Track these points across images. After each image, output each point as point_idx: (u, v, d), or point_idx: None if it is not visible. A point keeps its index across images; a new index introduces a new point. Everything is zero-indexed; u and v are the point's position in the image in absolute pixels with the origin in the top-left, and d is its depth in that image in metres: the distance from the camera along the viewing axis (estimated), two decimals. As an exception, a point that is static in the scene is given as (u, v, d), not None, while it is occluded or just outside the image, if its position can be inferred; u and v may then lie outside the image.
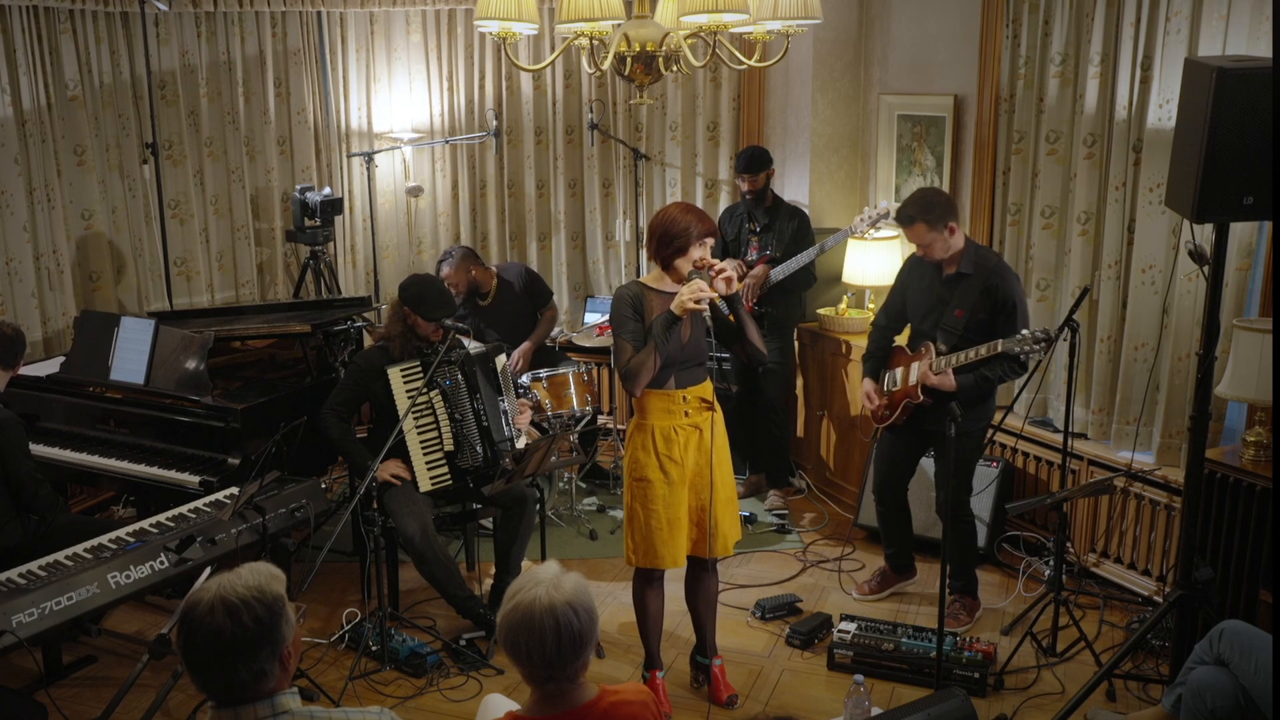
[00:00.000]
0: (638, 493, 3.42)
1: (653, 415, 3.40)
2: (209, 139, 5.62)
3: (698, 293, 3.21)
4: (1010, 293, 3.80)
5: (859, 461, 5.11)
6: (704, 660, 3.72)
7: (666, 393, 3.38)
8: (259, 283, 5.94)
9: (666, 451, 3.38)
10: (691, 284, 3.24)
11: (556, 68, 5.93)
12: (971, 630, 4.09)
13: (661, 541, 3.40)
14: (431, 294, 4.06)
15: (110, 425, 4.28)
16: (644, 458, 3.40)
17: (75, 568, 3.19)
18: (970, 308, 3.84)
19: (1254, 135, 2.79)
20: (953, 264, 3.91)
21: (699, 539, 3.48)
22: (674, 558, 3.42)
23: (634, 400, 3.43)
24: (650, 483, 3.39)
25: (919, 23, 5.11)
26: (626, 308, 3.35)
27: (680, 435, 3.39)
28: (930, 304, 3.98)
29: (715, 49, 3.42)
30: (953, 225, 3.85)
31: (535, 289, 5.40)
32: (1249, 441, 3.59)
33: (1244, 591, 3.50)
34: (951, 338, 3.87)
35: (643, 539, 3.43)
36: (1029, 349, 3.61)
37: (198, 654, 1.87)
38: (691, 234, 3.30)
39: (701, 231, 3.31)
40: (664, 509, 3.39)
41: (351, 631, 4.03)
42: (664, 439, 3.38)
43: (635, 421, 3.45)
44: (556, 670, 2.02)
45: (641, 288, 3.41)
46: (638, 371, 3.29)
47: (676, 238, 3.31)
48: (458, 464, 4.09)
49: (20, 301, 4.91)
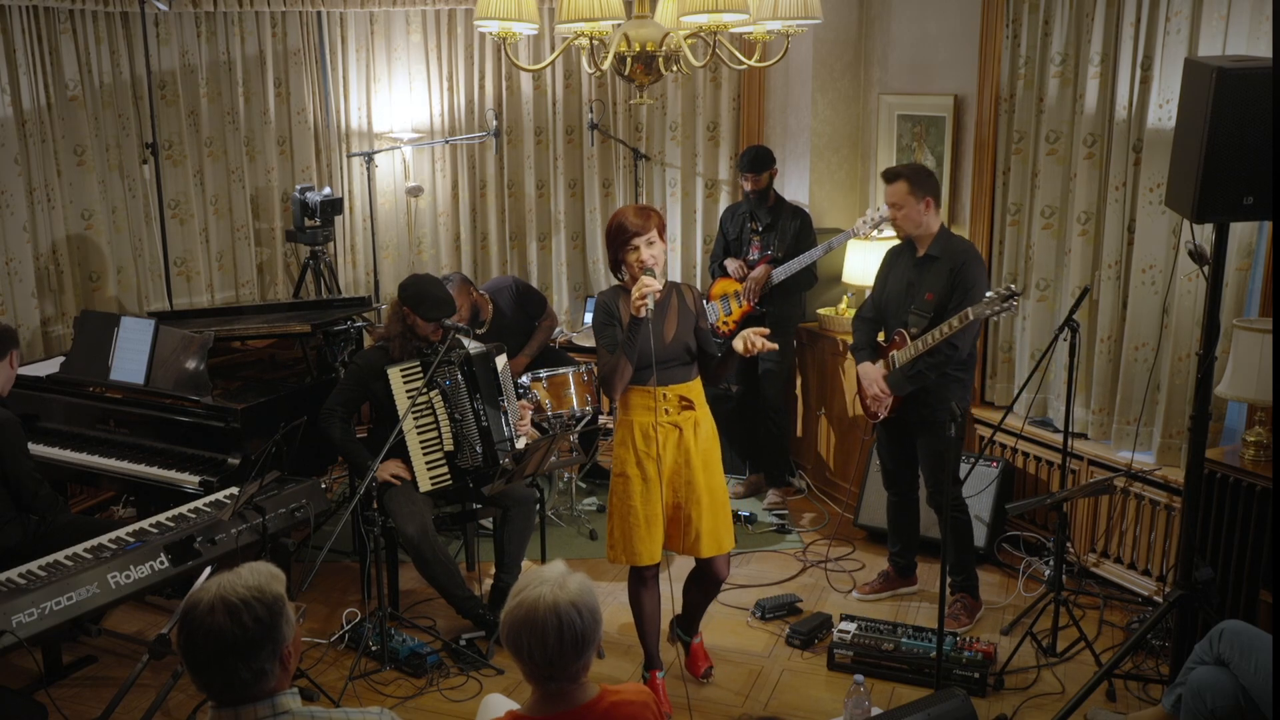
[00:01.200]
0: (617, 488, 3.47)
1: (633, 411, 3.43)
2: (209, 139, 5.62)
3: (642, 288, 3.25)
4: (970, 274, 3.86)
5: (859, 461, 5.11)
6: (685, 637, 3.76)
7: (647, 389, 3.40)
8: (259, 283, 5.94)
9: (644, 448, 3.40)
10: (639, 282, 3.28)
11: (556, 68, 5.93)
12: (971, 630, 4.09)
13: (639, 538, 3.42)
14: (431, 294, 4.05)
15: (110, 425, 4.28)
16: (623, 453, 3.44)
17: (75, 568, 3.19)
18: (939, 291, 3.90)
19: (1254, 135, 2.79)
20: (924, 245, 3.98)
21: (673, 535, 3.49)
22: (651, 554, 3.45)
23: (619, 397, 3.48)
24: (628, 478, 3.43)
25: (919, 23, 5.11)
26: (602, 314, 3.44)
27: (659, 433, 3.40)
28: (903, 289, 4.05)
29: (715, 49, 3.42)
30: (929, 201, 3.93)
31: (528, 300, 5.36)
32: (1249, 441, 3.59)
33: (1244, 591, 3.50)
34: (922, 320, 3.92)
35: (621, 535, 3.46)
36: (998, 308, 3.64)
37: (198, 654, 1.87)
38: (627, 233, 3.33)
39: (636, 231, 3.32)
40: (641, 505, 3.41)
41: (351, 631, 4.03)
42: (642, 435, 3.41)
43: (619, 417, 3.49)
44: (558, 669, 2.02)
45: (617, 291, 3.46)
46: (610, 377, 3.37)
47: (615, 239, 3.37)
48: (458, 464, 4.09)
49: (20, 301, 4.91)
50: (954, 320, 3.75)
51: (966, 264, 3.88)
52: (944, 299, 3.88)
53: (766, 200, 5.08)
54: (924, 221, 3.94)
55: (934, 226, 3.96)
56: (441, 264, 6.16)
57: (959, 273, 3.87)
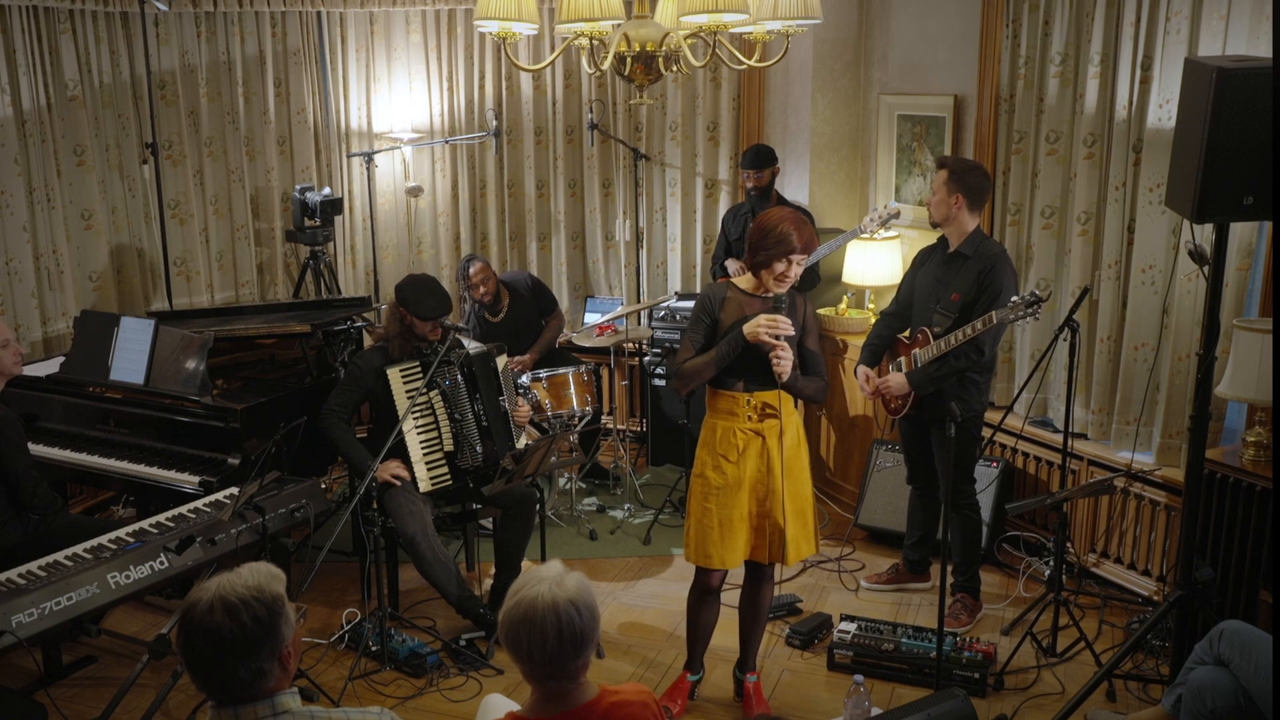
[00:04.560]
0: (695, 489, 3.41)
1: (717, 414, 3.39)
2: (209, 139, 5.62)
3: (773, 329, 3.17)
4: (998, 279, 3.82)
5: (859, 461, 5.11)
6: (740, 675, 3.68)
7: (732, 394, 3.34)
8: (259, 283, 5.94)
9: (724, 452, 3.35)
10: (775, 317, 3.20)
11: (556, 68, 5.93)
12: (971, 630, 4.09)
13: (713, 541, 3.36)
14: (426, 293, 4.05)
15: (110, 425, 4.28)
16: (704, 455, 3.40)
17: (75, 568, 3.19)
18: (965, 290, 3.87)
19: (1254, 135, 2.79)
20: (955, 241, 3.95)
21: (758, 545, 3.41)
22: (723, 559, 3.37)
23: (707, 396, 3.41)
24: (706, 480, 3.38)
25: (919, 22, 5.11)
26: (701, 308, 3.35)
27: (739, 438, 3.34)
28: (931, 287, 4.02)
29: (715, 49, 3.42)
30: (960, 199, 3.87)
31: (541, 296, 5.45)
32: (1249, 441, 3.59)
33: (1244, 591, 3.50)
34: (946, 320, 3.90)
35: (696, 536, 3.41)
36: (1023, 313, 3.62)
37: (197, 653, 1.87)
38: (790, 247, 3.19)
39: (798, 249, 3.20)
40: (717, 509, 3.35)
41: (351, 631, 4.03)
42: (723, 439, 3.36)
43: (706, 418, 3.44)
44: (557, 668, 2.02)
45: (729, 288, 3.37)
46: (689, 377, 3.32)
47: (767, 247, 3.22)
48: (458, 464, 4.09)
49: (20, 301, 4.91)
50: (978, 323, 3.73)
51: (996, 267, 3.83)
52: (970, 300, 3.85)
53: (768, 199, 5.08)
54: (951, 215, 3.91)
55: (968, 226, 3.92)
56: (441, 264, 6.16)
57: (987, 275, 3.83)
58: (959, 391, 3.93)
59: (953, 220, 3.92)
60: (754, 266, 3.29)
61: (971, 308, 3.84)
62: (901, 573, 4.44)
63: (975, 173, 3.91)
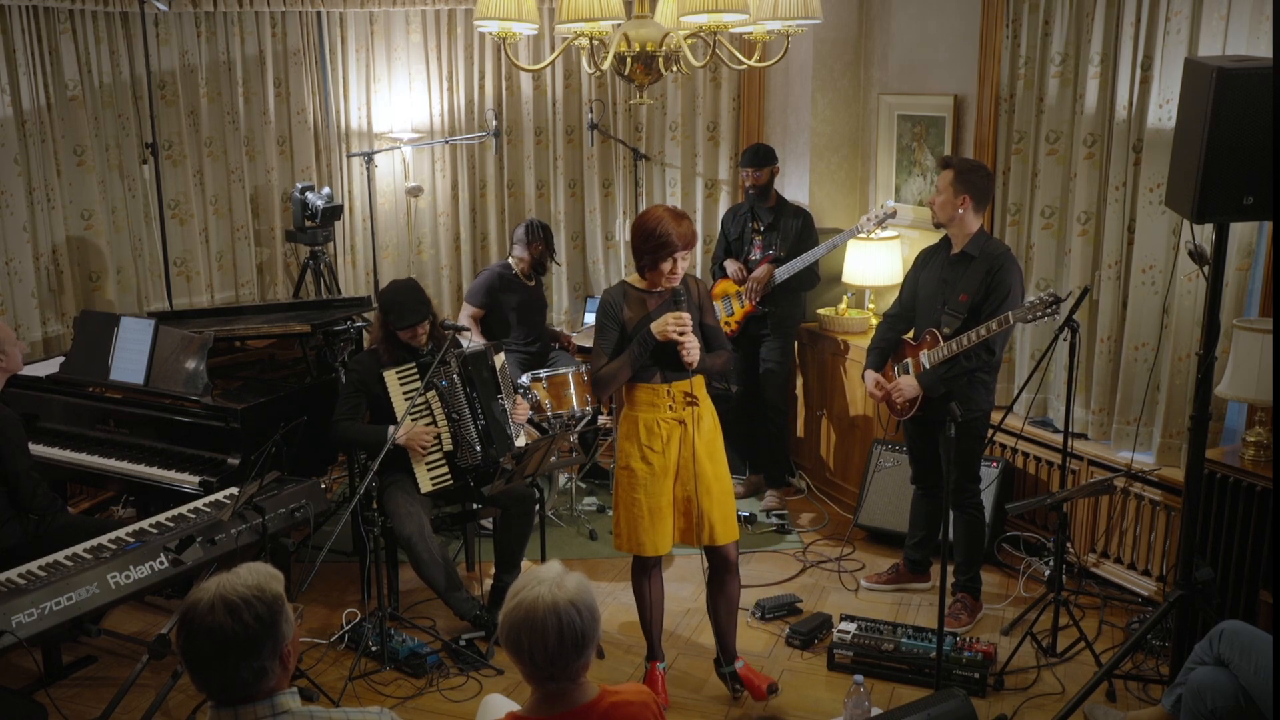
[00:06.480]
0: (622, 480, 3.54)
1: (638, 407, 3.51)
2: (209, 139, 5.62)
3: (680, 325, 3.34)
4: (1006, 279, 3.82)
5: (859, 461, 5.11)
6: (727, 668, 3.70)
7: (652, 386, 3.48)
8: (259, 283, 5.93)
9: (648, 442, 3.48)
10: (680, 315, 3.36)
11: (556, 68, 5.93)
12: (971, 630, 4.09)
13: (643, 529, 3.50)
14: (399, 302, 4.03)
15: (110, 425, 4.28)
16: (628, 447, 3.51)
17: (75, 568, 3.19)
18: (973, 291, 3.87)
19: (1254, 135, 2.79)
20: (959, 243, 3.96)
21: (686, 528, 3.55)
22: (655, 545, 3.51)
23: (623, 390, 3.53)
24: (633, 471, 3.50)
25: (919, 22, 5.11)
26: (605, 315, 3.50)
27: (663, 428, 3.48)
28: (936, 288, 4.02)
29: (715, 49, 3.42)
30: (967, 199, 3.88)
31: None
32: (1249, 441, 3.59)
33: (1244, 591, 3.50)
34: (954, 321, 3.89)
35: (627, 525, 3.54)
36: (1040, 314, 3.63)
37: (198, 653, 1.87)
38: (671, 246, 3.35)
39: (679, 244, 3.36)
40: (645, 497, 3.49)
41: (351, 631, 4.03)
42: (646, 430, 3.48)
43: (623, 412, 3.56)
44: (558, 669, 2.02)
45: (625, 287, 3.53)
46: (607, 382, 3.47)
47: (650, 250, 3.39)
48: (458, 464, 4.09)
49: (20, 301, 4.90)
50: (992, 324, 3.73)
51: (1003, 267, 3.84)
52: (978, 301, 3.85)
53: (768, 199, 5.08)
54: (956, 216, 3.90)
55: (971, 226, 3.92)
56: (441, 264, 6.16)
57: (995, 275, 3.83)
58: (968, 391, 3.93)
59: (958, 221, 3.91)
60: (641, 269, 3.46)
61: (980, 308, 3.84)
62: (902, 573, 4.44)
63: (980, 173, 3.92)
